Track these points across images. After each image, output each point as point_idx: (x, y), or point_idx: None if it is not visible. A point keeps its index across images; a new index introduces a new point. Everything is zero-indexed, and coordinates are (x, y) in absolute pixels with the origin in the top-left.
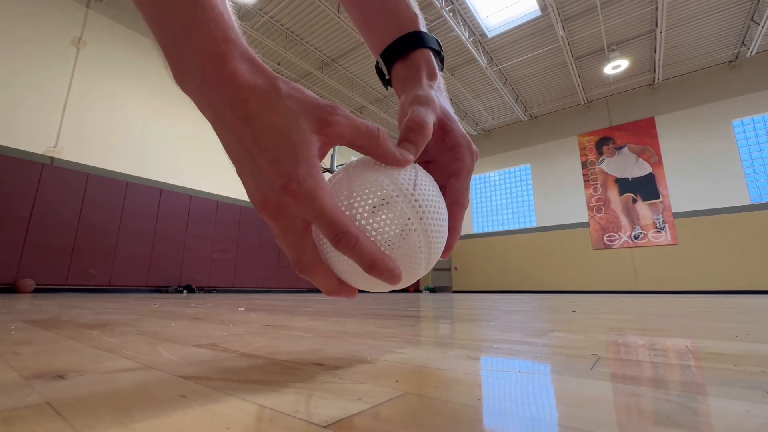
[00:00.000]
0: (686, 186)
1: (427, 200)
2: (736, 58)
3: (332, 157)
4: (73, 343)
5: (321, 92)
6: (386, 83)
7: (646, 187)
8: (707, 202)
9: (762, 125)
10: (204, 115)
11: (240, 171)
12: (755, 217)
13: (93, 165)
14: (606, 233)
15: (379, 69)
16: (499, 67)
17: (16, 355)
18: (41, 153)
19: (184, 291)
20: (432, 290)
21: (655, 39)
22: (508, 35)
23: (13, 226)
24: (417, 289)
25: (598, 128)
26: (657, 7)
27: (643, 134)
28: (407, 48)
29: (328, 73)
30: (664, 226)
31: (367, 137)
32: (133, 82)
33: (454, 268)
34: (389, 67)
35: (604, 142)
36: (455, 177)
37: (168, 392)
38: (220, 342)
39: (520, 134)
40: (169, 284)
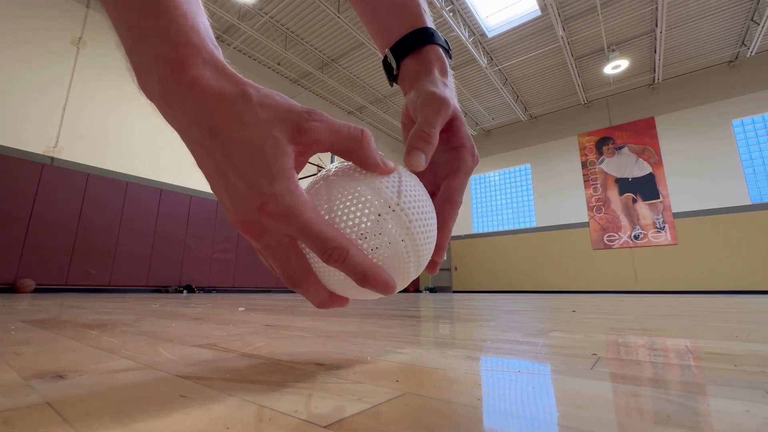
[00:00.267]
0: (686, 186)
1: (414, 207)
2: (736, 58)
3: (332, 157)
4: (73, 343)
5: (321, 92)
6: (393, 79)
7: (646, 187)
8: (707, 202)
9: (762, 125)
10: (171, 125)
11: (213, 188)
12: (755, 217)
13: (93, 165)
14: (606, 233)
15: (387, 64)
16: (499, 67)
17: (16, 355)
18: (41, 153)
19: (184, 291)
20: (432, 290)
21: (655, 39)
22: (508, 35)
23: (13, 226)
24: (417, 289)
25: (598, 128)
26: (657, 7)
27: (643, 134)
28: (419, 43)
29: (328, 73)
30: (664, 226)
31: (348, 140)
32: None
33: (454, 268)
34: (398, 62)
35: (604, 142)
36: (453, 175)
37: (168, 392)
38: (220, 342)
39: (520, 134)
40: (169, 284)
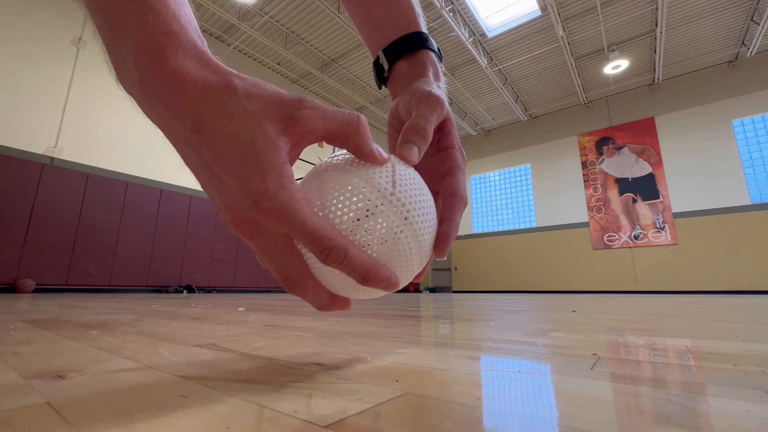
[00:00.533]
0: (686, 186)
1: (411, 196)
2: (736, 58)
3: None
4: (73, 343)
5: (321, 92)
6: (383, 81)
7: (646, 187)
8: (707, 202)
9: (762, 125)
10: (152, 121)
11: (203, 186)
12: (755, 217)
13: (93, 165)
14: (606, 233)
15: (378, 65)
16: (499, 67)
17: (16, 355)
18: (41, 153)
19: (184, 291)
20: (432, 290)
21: (655, 39)
22: (508, 35)
23: (13, 226)
24: (417, 289)
25: (598, 128)
26: (657, 7)
27: (643, 134)
28: (413, 47)
29: (328, 73)
30: (664, 226)
31: (345, 125)
32: None
33: (454, 268)
34: (391, 64)
35: (604, 142)
36: (450, 175)
37: (168, 392)
38: (220, 342)
39: (520, 134)
40: (169, 284)
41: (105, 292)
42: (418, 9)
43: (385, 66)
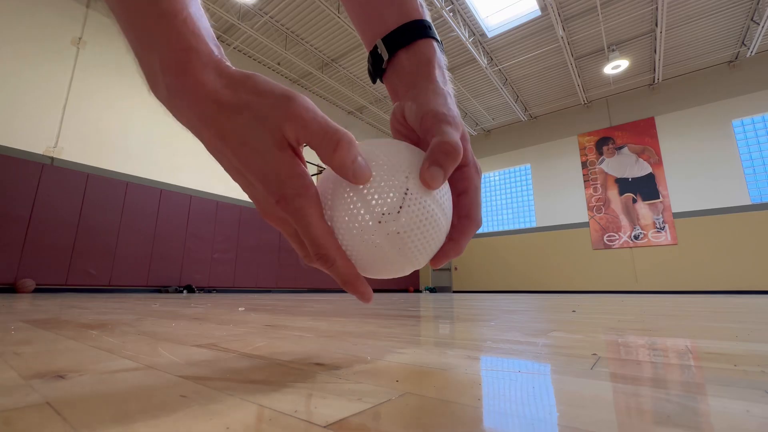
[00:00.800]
0: (686, 186)
1: (412, 232)
2: (736, 58)
3: None
4: (73, 343)
5: (321, 92)
6: (379, 74)
7: (646, 187)
8: (707, 202)
9: (762, 125)
10: (184, 126)
11: (236, 180)
12: (755, 217)
13: (93, 165)
14: (606, 233)
15: (375, 56)
16: (499, 67)
17: (16, 355)
18: (41, 153)
19: (184, 291)
20: (432, 290)
21: (655, 39)
22: (508, 35)
23: (13, 226)
24: (417, 289)
25: (598, 128)
26: (657, 7)
27: (643, 134)
28: (415, 35)
29: (328, 73)
30: (664, 226)
31: (324, 144)
32: (133, 81)
33: (454, 268)
34: (391, 54)
35: (604, 142)
36: (465, 194)
37: (168, 392)
38: (220, 342)
39: (520, 134)
40: (169, 284)
41: (105, 292)
42: None
43: (385, 56)
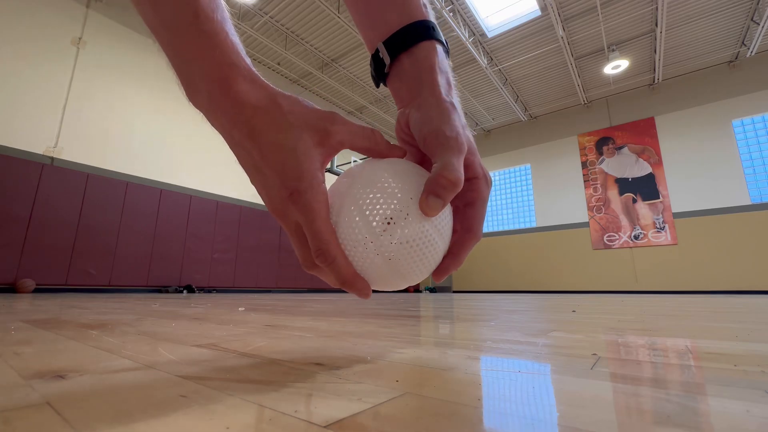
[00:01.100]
0: (686, 186)
1: (402, 249)
2: (736, 58)
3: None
4: (73, 343)
5: (321, 92)
6: (381, 78)
7: (646, 187)
8: (707, 202)
9: (762, 125)
10: (216, 129)
11: (252, 180)
12: (755, 217)
13: (93, 165)
14: (606, 233)
15: (377, 59)
16: (499, 67)
17: (16, 355)
18: (41, 153)
19: (184, 291)
20: (432, 290)
21: (655, 39)
22: (508, 35)
23: (13, 226)
24: (417, 289)
25: (598, 128)
26: (657, 7)
27: (643, 134)
28: (418, 37)
29: (328, 73)
30: (664, 226)
31: (365, 139)
32: (133, 82)
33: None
34: (393, 58)
35: (604, 142)
36: (470, 206)
37: (168, 392)
38: (220, 342)
39: (520, 134)
40: (169, 284)
41: (105, 292)
42: None
43: (387, 60)
